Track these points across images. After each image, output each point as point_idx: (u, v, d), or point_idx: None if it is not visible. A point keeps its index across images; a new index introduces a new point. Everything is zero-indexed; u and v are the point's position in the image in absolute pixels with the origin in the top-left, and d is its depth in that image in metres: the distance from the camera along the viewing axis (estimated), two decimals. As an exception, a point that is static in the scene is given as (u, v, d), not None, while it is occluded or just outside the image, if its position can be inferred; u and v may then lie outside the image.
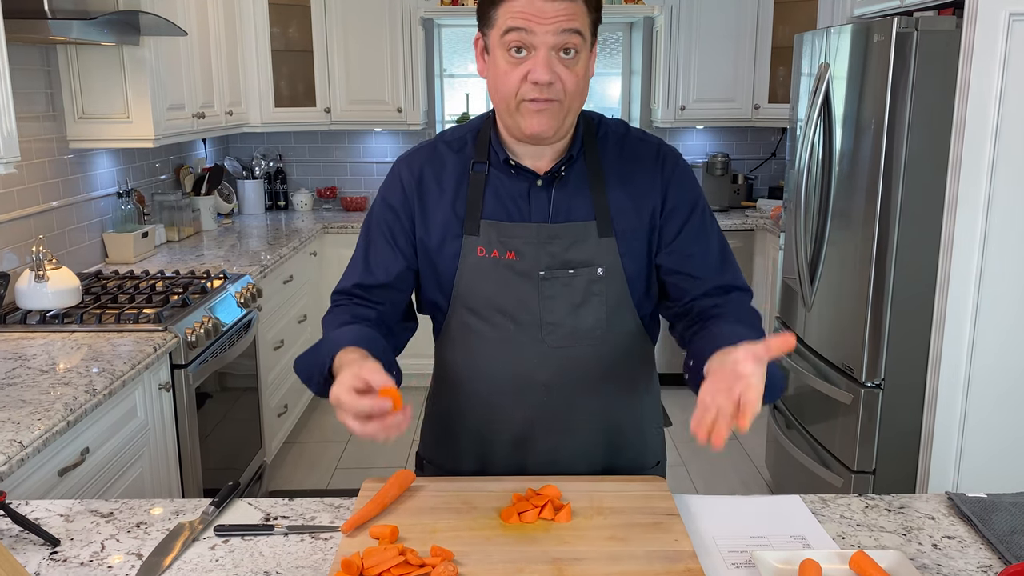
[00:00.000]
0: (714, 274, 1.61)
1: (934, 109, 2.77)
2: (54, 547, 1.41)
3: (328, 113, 5.19)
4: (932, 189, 2.79)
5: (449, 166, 1.61)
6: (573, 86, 1.45)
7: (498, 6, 1.43)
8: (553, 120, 1.48)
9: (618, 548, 1.35)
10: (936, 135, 2.76)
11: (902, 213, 2.88)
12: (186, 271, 3.56)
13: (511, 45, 1.43)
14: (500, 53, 1.45)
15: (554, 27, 1.40)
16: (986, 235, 2.60)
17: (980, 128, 2.55)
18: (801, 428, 3.53)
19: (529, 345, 1.59)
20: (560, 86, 1.44)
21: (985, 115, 2.54)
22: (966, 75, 2.56)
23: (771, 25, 5.08)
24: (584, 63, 1.47)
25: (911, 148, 2.83)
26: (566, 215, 1.57)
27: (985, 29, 2.50)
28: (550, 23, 1.40)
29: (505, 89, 1.47)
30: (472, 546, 1.35)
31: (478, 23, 1.51)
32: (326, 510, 1.53)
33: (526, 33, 1.41)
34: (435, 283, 1.63)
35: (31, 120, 3.27)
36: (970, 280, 2.64)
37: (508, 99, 1.48)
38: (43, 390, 2.15)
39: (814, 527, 1.48)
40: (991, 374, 2.68)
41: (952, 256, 2.65)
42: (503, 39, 1.43)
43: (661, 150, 1.63)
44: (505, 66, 1.45)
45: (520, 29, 1.41)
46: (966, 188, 2.59)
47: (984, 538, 1.44)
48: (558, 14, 1.40)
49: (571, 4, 1.41)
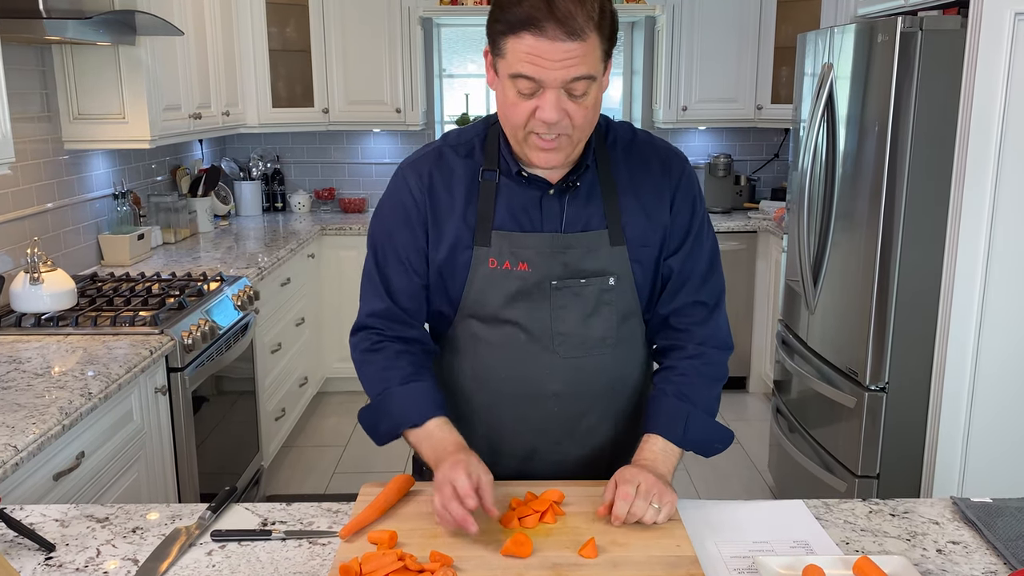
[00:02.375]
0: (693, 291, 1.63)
1: (938, 109, 2.77)
2: (49, 553, 1.40)
3: (326, 113, 5.18)
4: (936, 190, 2.78)
5: (458, 172, 1.59)
6: (582, 120, 1.43)
7: (507, 37, 1.38)
8: (561, 155, 1.48)
9: (619, 554, 1.35)
10: (941, 135, 2.76)
11: (906, 214, 2.87)
12: (182, 273, 3.55)
13: (519, 87, 1.40)
14: (508, 84, 1.42)
15: (563, 74, 1.36)
16: (991, 236, 2.58)
17: (985, 128, 2.53)
18: (804, 432, 3.52)
19: (540, 355, 1.59)
20: (568, 122, 1.42)
21: (990, 115, 2.52)
22: (971, 75, 2.54)
23: (774, 24, 5.08)
24: (595, 95, 1.43)
25: (915, 149, 2.82)
26: (578, 225, 1.56)
27: (990, 28, 2.49)
28: (559, 68, 1.36)
29: (513, 120, 1.45)
30: (472, 551, 1.35)
31: (487, 38, 1.45)
32: (324, 515, 1.52)
33: (535, 80, 1.38)
34: (443, 293, 1.62)
35: (26, 121, 3.26)
36: (975, 282, 2.62)
37: (516, 129, 1.46)
38: (38, 393, 2.14)
39: (817, 532, 1.47)
40: (996, 377, 2.66)
41: (957, 258, 2.63)
42: (512, 79, 1.40)
43: (668, 155, 1.63)
44: (513, 98, 1.42)
45: (528, 78, 1.37)
46: (971, 189, 2.58)
47: (989, 543, 1.43)
48: (567, 57, 1.35)
49: (582, 44, 1.35)
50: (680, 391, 1.59)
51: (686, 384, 1.60)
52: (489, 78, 1.50)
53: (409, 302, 1.62)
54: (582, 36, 1.34)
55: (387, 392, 1.57)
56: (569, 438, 1.65)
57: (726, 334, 1.66)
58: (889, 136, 2.84)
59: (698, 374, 1.61)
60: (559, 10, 1.33)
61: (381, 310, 1.62)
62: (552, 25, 1.33)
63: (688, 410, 1.57)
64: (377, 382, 1.59)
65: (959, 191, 2.61)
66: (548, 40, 1.34)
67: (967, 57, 2.56)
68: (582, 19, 1.34)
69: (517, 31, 1.36)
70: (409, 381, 1.57)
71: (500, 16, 1.39)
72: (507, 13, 1.37)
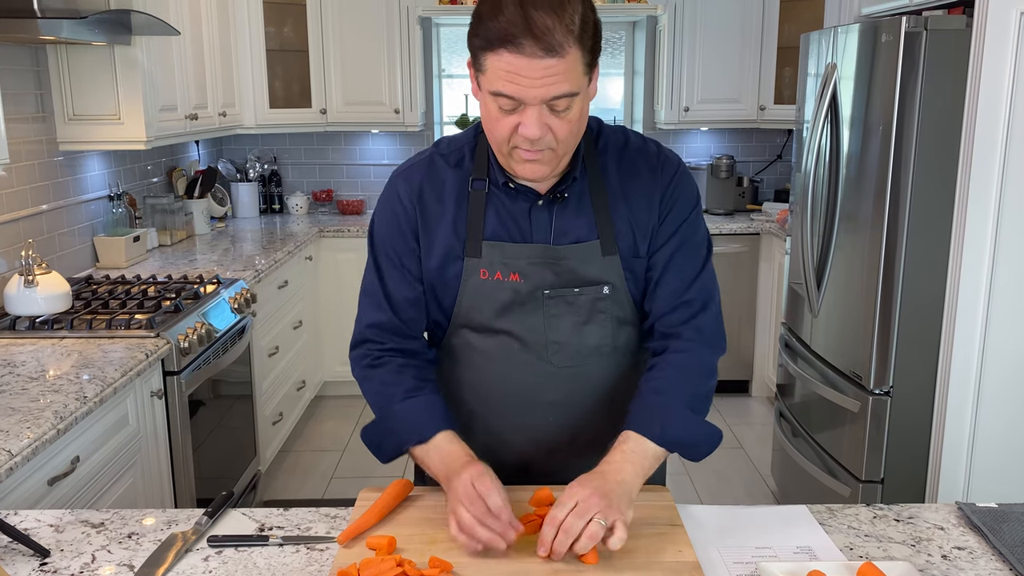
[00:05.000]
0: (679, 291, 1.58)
1: (943, 110, 2.76)
2: (44, 558, 1.40)
3: (324, 114, 5.16)
4: (942, 192, 2.77)
5: (448, 182, 1.58)
6: (566, 134, 1.40)
7: (486, 53, 1.35)
8: (546, 167, 1.46)
9: (621, 560, 1.33)
10: (946, 136, 2.75)
11: (911, 216, 2.87)
12: (179, 276, 3.54)
13: (500, 104, 1.37)
14: (490, 99, 1.39)
15: (543, 91, 1.33)
16: (997, 238, 2.56)
17: (991, 129, 2.52)
18: (808, 436, 3.51)
19: (534, 364, 1.58)
20: (551, 137, 1.39)
21: (996, 116, 2.51)
22: (976, 75, 2.53)
23: (777, 24, 5.06)
24: (580, 107, 1.40)
25: (920, 150, 2.81)
26: (568, 236, 1.54)
27: (996, 28, 2.47)
28: (539, 86, 1.32)
29: (497, 135, 1.42)
30: (471, 557, 1.34)
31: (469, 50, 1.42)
32: (322, 520, 1.52)
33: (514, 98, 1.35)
34: (435, 303, 1.61)
35: (20, 121, 3.25)
36: (981, 284, 2.61)
37: (500, 144, 1.44)
38: (32, 397, 2.14)
39: (821, 538, 1.47)
40: (1002, 380, 2.64)
41: (962, 259, 2.62)
42: (493, 96, 1.37)
43: (660, 157, 1.60)
44: (496, 114, 1.39)
45: (508, 96, 1.35)
46: (976, 191, 2.56)
47: (995, 549, 1.43)
48: (547, 75, 1.31)
49: (561, 60, 1.31)
50: (657, 387, 1.53)
51: (663, 381, 1.53)
52: (473, 89, 1.46)
53: (408, 311, 1.60)
54: (561, 52, 1.30)
55: (389, 410, 1.54)
56: (566, 448, 1.64)
57: (714, 333, 1.60)
58: (893, 137, 2.83)
59: (679, 371, 1.54)
60: (536, 26, 1.29)
61: (380, 321, 1.60)
62: (530, 42, 1.29)
63: (666, 405, 1.50)
64: (380, 399, 1.57)
65: (964, 192, 2.59)
66: (526, 58, 1.30)
67: (972, 57, 2.55)
68: (560, 34, 1.30)
69: (495, 47, 1.32)
70: (411, 396, 1.54)
71: (479, 30, 1.35)
72: (485, 27, 1.33)
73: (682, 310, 1.58)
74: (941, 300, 2.74)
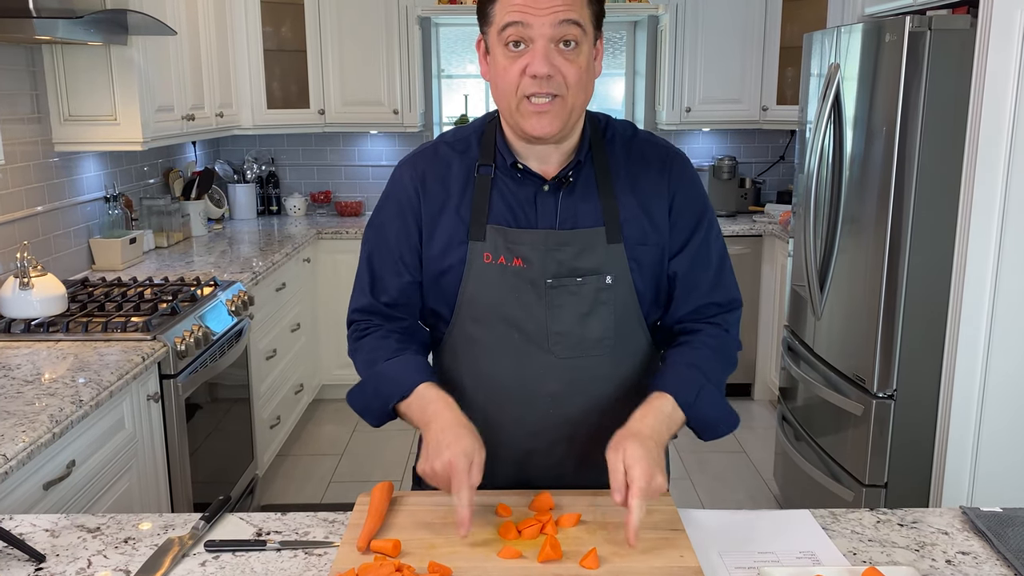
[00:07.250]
0: (705, 293, 1.63)
1: (948, 110, 2.75)
2: (39, 563, 1.39)
3: (322, 115, 5.14)
4: (946, 193, 2.77)
5: (454, 168, 1.60)
6: (575, 78, 1.44)
7: (496, 2, 1.44)
8: (556, 120, 1.47)
9: (621, 564, 1.34)
10: (950, 137, 2.74)
11: (915, 218, 2.86)
12: (175, 278, 3.52)
13: (509, 39, 1.43)
14: (499, 50, 1.45)
15: (551, 18, 1.39)
16: (1002, 239, 2.55)
17: (995, 130, 2.51)
18: (810, 440, 3.50)
19: (536, 356, 1.58)
20: (560, 79, 1.43)
21: (1000, 116, 2.49)
22: (981, 75, 2.52)
23: (779, 24, 5.05)
24: (586, 55, 1.46)
25: (924, 150, 2.81)
26: (574, 221, 1.56)
27: (1000, 27, 2.46)
28: (547, 14, 1.39)
29: (505, 85, 1.46)
30: (471, 562, 1.34)
31: (479, 22, 1.51)
32: (320, 525, 1.52)
33: (523, 27, 1.41)
34: (438, 291, 1.61)
35: (15, 122, 3.23)
36: (985, 287, 2.59)
37: (509, 97, 1.47)
38: (27, 401, 2.14)
39: (824, 542, 1.47)
40: (1007, 384, 2.63)
41: (967, 262, 2.61)
42: (501, 35, 1.43)
43: (669, 154, 1.63)
44: (504, 61, 1.45)
45: (517, 23, 1.41)
46: (981, 192, 2.55)
47: (999, 554, 1.42)
48: (555, 4, 1.39)
49: None
50: (694, 362, 1.56)
51: (699, 355, 1.58)
52: (483, 69, 1.53)
53: (394, 298, 1.63)
54: None
55: (373, 371, 1.58)
56: (567, 442, 1.63)
57: (738, 332, 1.67)
58: (897, 138, 2.83)
59: (714, 351, 1.59)
60: None
61: (364, 305, 1.65)
62: None
63: (702, 381, 1.54)
64: (365, 365, 1.61)
65: (968, 194, 2.58)
66: None
67: (977, 57, 2.54)
68: None
69: None
70: (394, 356, 1.57)
71: None
72: None
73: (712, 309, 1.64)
74: (945, 302, 2.72)
